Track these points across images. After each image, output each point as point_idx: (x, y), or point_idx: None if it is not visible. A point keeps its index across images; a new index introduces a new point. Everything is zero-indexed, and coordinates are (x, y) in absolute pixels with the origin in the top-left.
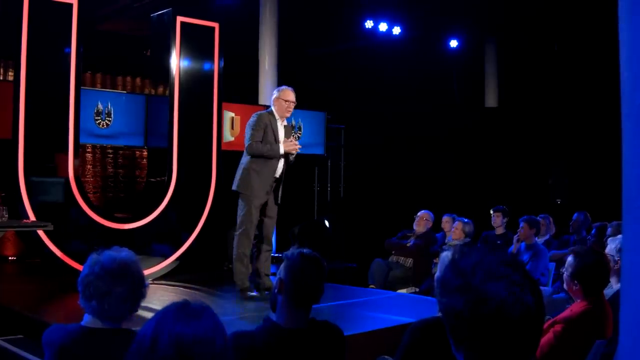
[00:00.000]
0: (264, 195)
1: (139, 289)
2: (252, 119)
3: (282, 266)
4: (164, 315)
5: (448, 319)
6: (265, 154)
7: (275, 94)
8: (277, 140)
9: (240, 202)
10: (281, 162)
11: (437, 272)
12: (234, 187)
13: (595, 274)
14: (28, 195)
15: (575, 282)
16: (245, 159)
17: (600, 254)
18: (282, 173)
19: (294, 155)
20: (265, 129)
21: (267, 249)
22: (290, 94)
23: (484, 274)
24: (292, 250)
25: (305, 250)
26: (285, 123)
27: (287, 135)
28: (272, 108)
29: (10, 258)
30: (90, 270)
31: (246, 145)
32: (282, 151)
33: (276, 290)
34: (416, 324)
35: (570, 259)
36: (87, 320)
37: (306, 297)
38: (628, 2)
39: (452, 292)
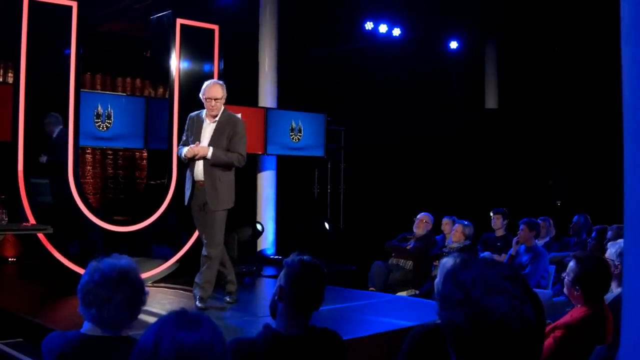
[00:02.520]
0: (188, 201)
1: (138, 296)
2: None
3: (282, 273)
4: (163, 323)
5: (448, 333)
6: (181, 158)
7: (200, 94)
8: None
9: None
10: (200, 164)
11: (437, 278)
12: None
13: (596, 280)
14: (28, 197)
15: (577, 287)
16: None
17: (602, 260)
18: (203, 176)
19: (207, 157)
20: (191, 130)
21: (204, 262)
22: (210, 90)
23: (484, 287)
24: (293, 257)
25: (305, 257)
26: (215, 120)
27: (215, 137)
28: None
29: (10, 259)
30: (89, 278)
31: None
32: (182, 154)
33: (276, 297)
34: (416, 330)
35: (571, 264)
36: (87, 327)
37: (306, 304)
38: (629, 22)
39: (452, 306)
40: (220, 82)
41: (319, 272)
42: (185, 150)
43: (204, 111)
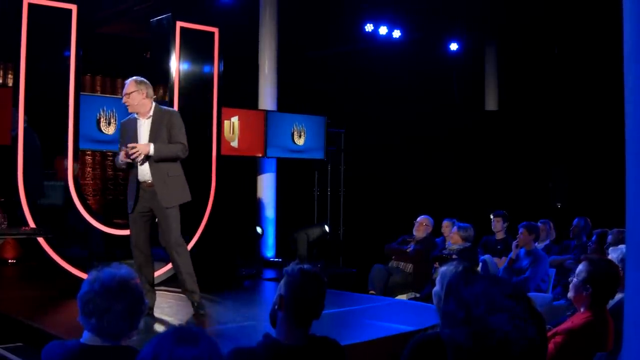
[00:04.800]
0: (132, 206)
1: (138, 306)
2: None
3: (282, 282)
4: (162, 338)
5: (451, 350)
6: (119, 166)
7: None
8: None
9: None
10: (144, 165)
11: (437, 286)
12: None
13: (607, 282)
14: (27, 201)
15: (587, 286)
16: None
17: (613, 263)
18: (149, 176)
19: (150, 154)
20: (124, 135)
21: (175, 260)
22: (124, 87)
23: (487, 306)
24: (293, 266)
25: (305, 266)
26: (149, 116)
27: (153, 133)
28: None
29: (10, 261)
30: (89, 288)
31: None
32: (119, 161)
33: (276, 307)
34: (416, 339)
35: (582, 266)
36: (87, 337)
37: (306, 313)
38: (632, 40)
39: (455, 324)
40: (138, 77)
41: (319, 281)
42: (122, 154)
43: (134, 114)
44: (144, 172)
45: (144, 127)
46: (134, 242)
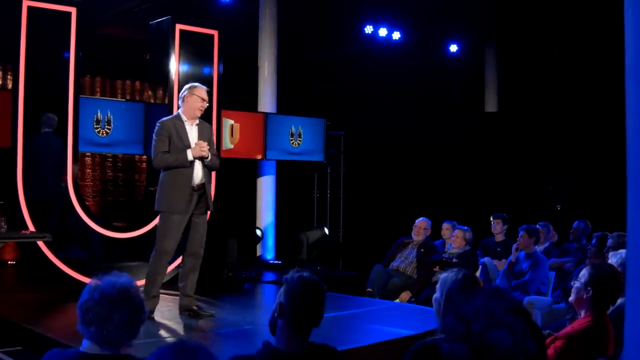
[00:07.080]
0: (183, 208)
1: (138, 314)
2: (156, 128)
3: (281, 290)
4: (162, 353)
5: None
6: (172, 165)
7: (186, 92)
8: (187, 146)
9: (160, 220)
10: (198, 168)
11: (437, 293)
12: (155, 207)
13: (609, 284)
14: (27, 204)
15: (588, 288)
16: (160, 174)
17: (615, 268)
18: (202, 179)
19: (208, 159)
20: (170, 137)
21: (195, 266)
22: (203, 92)
23: (487, 320)
24: (292, 274)
25: (305, 274)
26: (197, 122)
27: (202, 136)
28: (181, 109)
29: (9, 262)
30: (89, 296)
31: (152, 158)
32: (190, 157)
33: (276, 315)
34: (415, 348)
35: (585, 270)
36: (86, 345)
37: (306, 321)
38: (634, 31)
39: (454, 338)
40: None
41: (318, 289)
42: (195, 150)
43: (178, 115)
44: (198, 174)
45: (193, 133)
46: (172, 246)
